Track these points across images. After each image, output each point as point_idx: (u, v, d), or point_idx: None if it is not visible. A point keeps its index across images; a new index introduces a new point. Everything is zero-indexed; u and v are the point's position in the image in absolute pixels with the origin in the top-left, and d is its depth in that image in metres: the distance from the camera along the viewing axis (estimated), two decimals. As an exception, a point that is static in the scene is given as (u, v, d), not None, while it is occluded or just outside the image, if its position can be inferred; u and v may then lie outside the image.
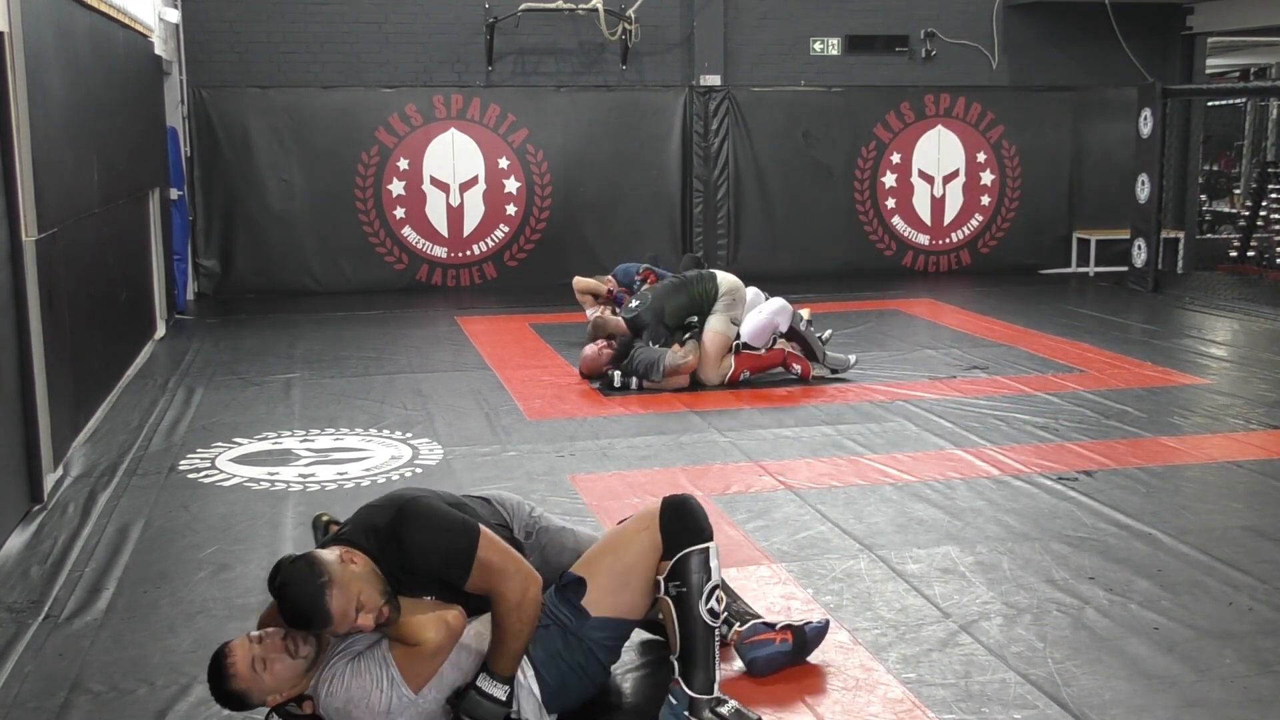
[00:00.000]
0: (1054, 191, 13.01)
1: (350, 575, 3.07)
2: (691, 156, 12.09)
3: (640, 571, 3.36)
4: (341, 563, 3.09)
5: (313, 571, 3.05)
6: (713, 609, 3.29)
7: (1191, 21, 12.87)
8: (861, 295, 11.19)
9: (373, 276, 11.61)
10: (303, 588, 3.03)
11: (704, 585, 3.29)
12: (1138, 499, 5.28)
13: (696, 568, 3.30)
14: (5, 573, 4.55)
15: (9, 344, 5.10)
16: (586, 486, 5.54)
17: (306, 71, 11.38)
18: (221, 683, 3.08)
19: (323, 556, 3.11)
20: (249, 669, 3.07)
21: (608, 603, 3.35)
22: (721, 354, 7.49)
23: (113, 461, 6.00)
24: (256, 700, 3.12)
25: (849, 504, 5.25)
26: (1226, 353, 8.70)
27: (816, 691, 3.56)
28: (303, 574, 3.05)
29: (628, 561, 3.37)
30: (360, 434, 6.49)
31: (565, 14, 11.63)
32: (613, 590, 3.35)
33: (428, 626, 3.15)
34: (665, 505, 3.40)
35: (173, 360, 8.44)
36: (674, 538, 3.33)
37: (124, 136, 7.93)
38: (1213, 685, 3.56)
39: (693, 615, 3.28)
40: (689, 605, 3.28)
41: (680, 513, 3.38)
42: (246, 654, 3.09)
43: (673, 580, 3.30)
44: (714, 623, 3.30)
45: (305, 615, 3.05)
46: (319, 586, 3.02)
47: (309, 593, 3.02)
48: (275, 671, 3.09)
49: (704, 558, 3.31)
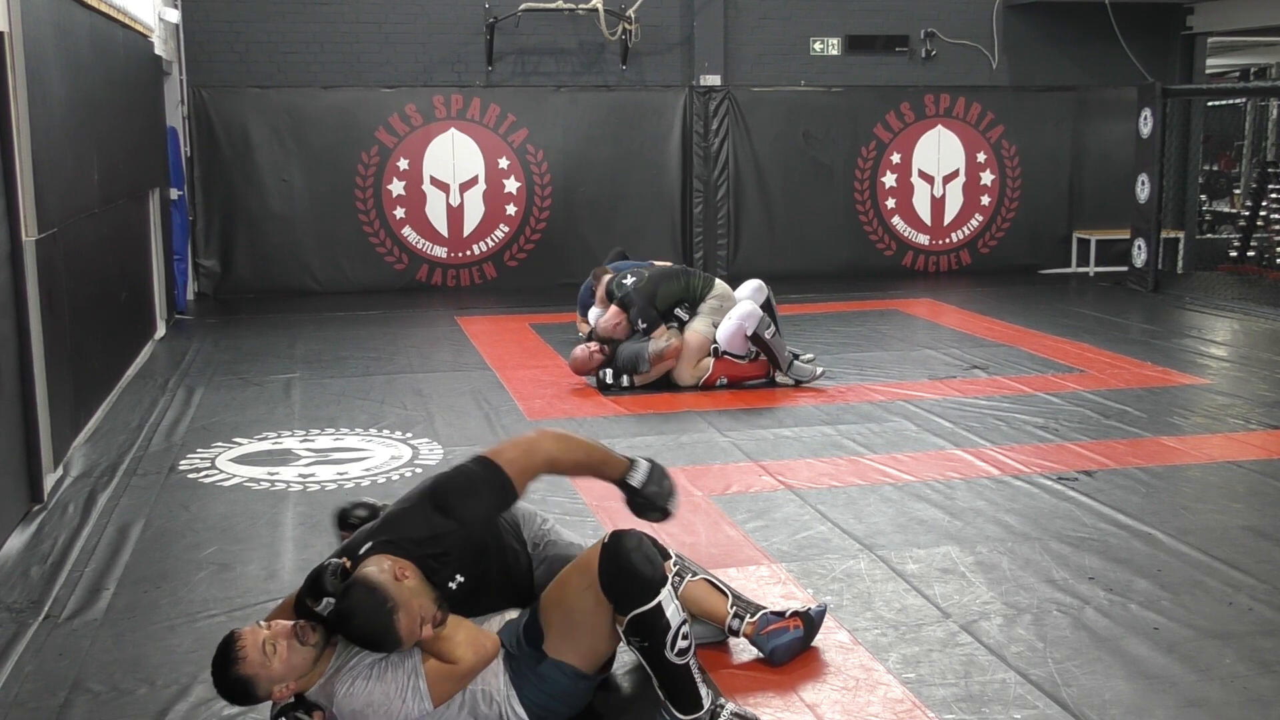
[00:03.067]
0: (1054, 191, 13.00)
1: (409, 593, 3.09)
2: (691, 156, 12.09)
3: (594, 624, 3.26)
4: (398, 581, 3.09)
5: (376, 599, 3.04)
6: (681, 649, 3.22)
7: (1191, 21, 12.87)
8: (861, 295, 11.19)
9: (373, 276, 11.62)
10: (372, 619, 3.04)
11: (665, 634, 3.20)
12: (1138, 499, 5.28)
13: (652, 623, 3.20)
14: (5, 573, 4.55)
15: (9, 344, 5.10)
16: (586, 486, 5.53)
17: (306, 71, 11.38)
18: (228, 668, 3.05)
19: (380, 580, 3.08)
20: (259, 653, 3.05)
21: (566, 649, 3.27)
22: (700, 355, 7.45)
23: (113, 461, 6.00)
24: (263, 690, 3.08)
25: (849, 504, 5.25)
26: (1226, 353, 8.70)
27: (816, 691, 3.56)
28: (368, 604, 3.04)
29: (577, 618, 3.26)
30: (360, 434, 6.49)
31: (565, 14, 11.63)
32: (570, 639, 3.27)
33: (466, 648, 3.17)
34: (602, 564, 3.22)
35: (173, 360, 8.45)
36: (619, 600, 3.20)
37: (124, 136, 7.93)
38: (1213, 685, 3.56)
39: (662, 663, 3.23)
40: (656, 655, 3.22)
41: (618, 570, 3.20)
42: (256, 638, 3.08)
43: (633, 636, 3.22)
44: (685, 660, 3.24)
45: (376, 643, 3.08)
46: (387, 613, 3.04)
47: (380, 622, 3.04)
48: (284, 657, 3.07)
49: (657, 611, 3.19)
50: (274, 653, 3.07)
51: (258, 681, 3.06)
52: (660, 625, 3.19)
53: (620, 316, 7.58)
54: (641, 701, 3.53)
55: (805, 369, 7.59)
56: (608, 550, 3.24)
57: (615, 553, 3.22)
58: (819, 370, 7.63)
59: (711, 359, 7.47)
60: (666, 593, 3.22)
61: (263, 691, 3.08)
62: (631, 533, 3.30)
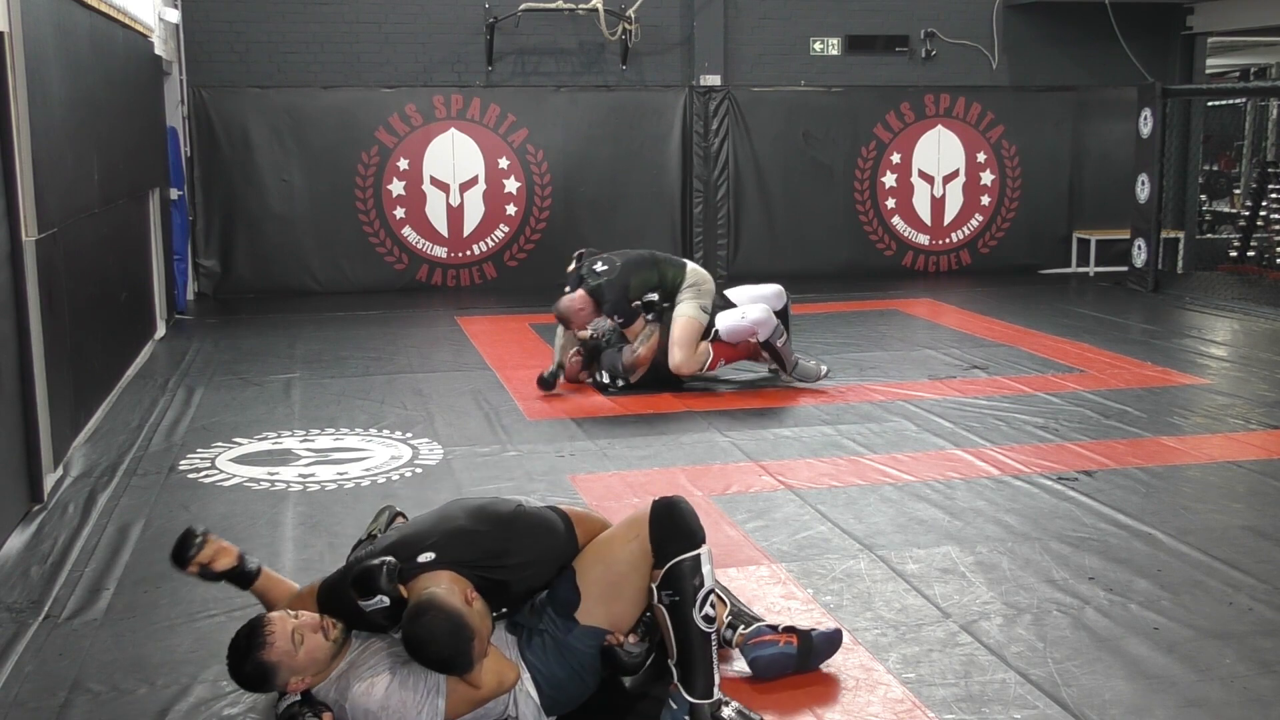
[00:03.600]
0: (1054, 191, 13.00)
1: (480, 618, 3.12)
2: (691, 156, 12.08)
3: (633, 581, 3.33)
4: (468, 604, 3.12)
5: (454, 625, 3.04)
6: (708, 615, 3.26)
7: (1191, 21, 12.87)
8: (861, 295, 11.19)
9: (373, 276, 11.61)
10: (452, 647, 3.04)
11: (697, 592, 3.25)
12: (1138, 499, 5.28)
13: (689, 575, 3.26)
14: (5, 573, 4.55)
15: (9, 344, 5.10)
16: (586, 486, 5.54)
17: (306, 71, 11.38)
18: (254, 651, 3.05)
19: (456, 606, 3.09)
20: (288, 641, 3.06)
21: (600, 613, 3.33)
22: (695, 340, 7.31)
23: (113, 461, 6.00)
24: (281, 678, 3.07)
25: (849, 504, 5.25)
26: (1226, 353, 8.70)
27: (816, 691, 3.56)
28: (447, 632, 3.04)
29: (619, 571, 3.33)
30: (360, 434, 6.49)
31: (565, 14, 11.63)
32: (605, 601, 3.33)
33: (491, 675, 3.17)
34: (654, 512, 3.35)
35: (173, 360, 8.44)
36: (663, 546, 3.29)
37: (124, 136, 7.93)
38: (1213, 685, 3.56)
39: (688, 623, 3.25)
40: (683, 613, 3.25)
41: (669, 519, 3.33)
42: (286, 626, 3.09)
43: (665, 589, 3.26)
44: (709, 628, 3.27)
45: (448, 666, 3.08)
46: (465, 642, 3.05)
47: (459, 649, 3.04)
48: (309, 649, 3.08)
49: (695, 563, 3.27)
50: (301, 643, 3.07)
51: (279, 670, 3.06)
52: (695, 580, 3.26)
53: (587, 303, 7.38)
54: (643, 702, 3.53)
55: (810, 369, 7.54)
56: (661, 503, 3.38)
57: (669, 506, 3.37)
58: (824, 369, 7.58)
59: (709, 344, 7.37)
60: (706, 551, 3.32)
61: (280, 680, 3.08)
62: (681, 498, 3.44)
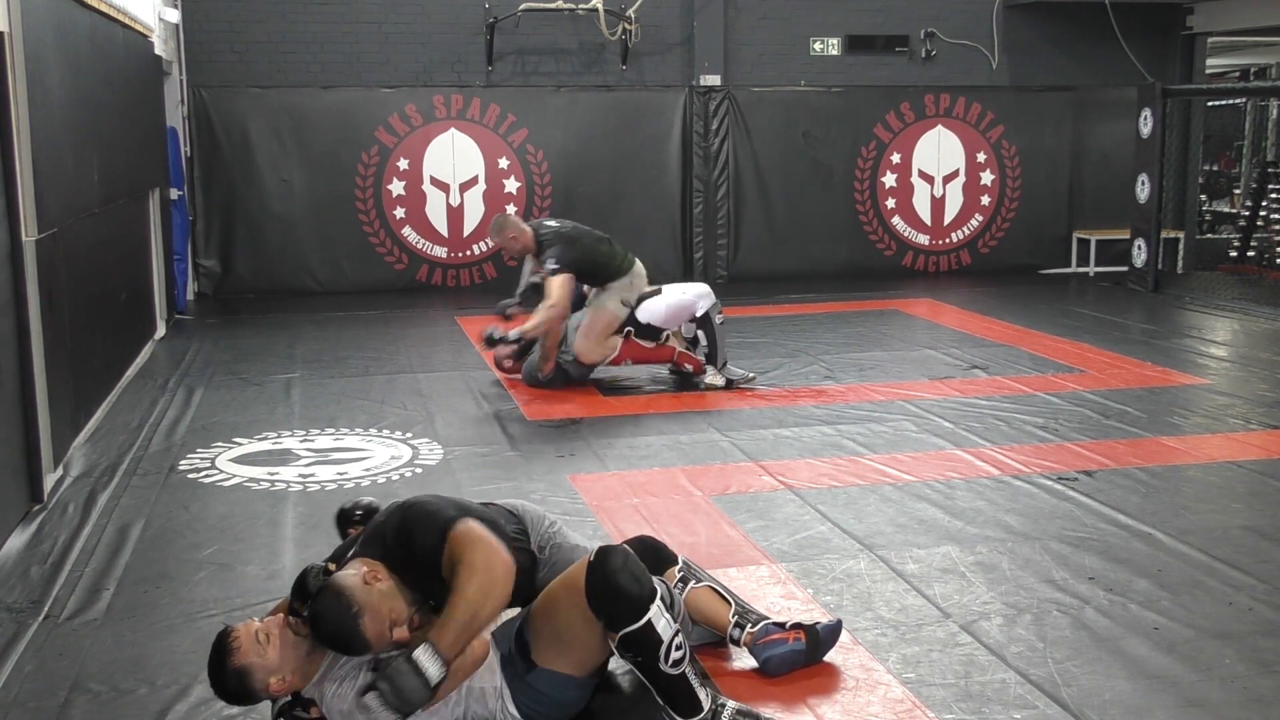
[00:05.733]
0: (1054, 191, 13.00)
1: (378, 596, 3.10)
2: (691, 156, 12.08)
3: (583, 639, 3.22)
4: (366, 585, 3.11)
5: (342, 604, 3.06)
6: (675, 660, 3.19)
7: (1191, 21, 12.87)
8: (861, 295, 11.19)
9: (373, 276, 11.61)
10: (338, 623, 3.05)
11: (658, 649, 3.17)
12: (1138, 499, 5.28)
13: (644, 639, 3.16)
14: (5, 573, 4.55)
15: (9, 344, 5.10)
16: (586, 486, 5.54)
17: (306, 71, 11.38)
18: (224, 660, 3.07)
19: (348, 584, 3.10)
20: (252, 641, 3.08)
21: (558, 660, 3.24)
22: (606, 332, 7.36)
23: (113, 461, 6.00)
24: (259, 680, 3.08)
25: (849, 504, 5.25)
26: (1226, 353, 8.70)
27: (816, 691, 3.56)
28: (334, 608, 3.06)
29: (566, 635, 3.22)
30: (360, 434, 6.49)
31: (565, 14, 11.63)
32: (560, 651, 3.24)
33: None
34: (589, 587, 3.15)
35: (173, 360, 8.44)
36: (609, 619, 3.15)
37: (124, 136, 7.93)
38: (1213, 685, 3.56)
39: (657, 674, 3.21)
40: (651, 668, 3.20)
41: (607, 593, 3.13)
42: (249, 629, 3.12)
43: (626, 651, 3.20)
44: (681, 669, 3.21)
45: (344, 646, 3.08)
46: (352, 618, 3.05)
47: (345, 627, 3.05)
48: (278, 647, 3.10)
49: (648, 628, 3.15)
50: (267, 641, 3.09)
51: (253, 671, 3.07)
52: (652, 641, 3.16)
53: (525, 236, 7.40)
54: (643, 703, 3.53)
55: (738, 371, 7.48)
56: (593, 570, 3.17)
57: (601, 573, 3.15)
58: (752, 375, 7.50)
59: (620, 339, 7.40)
60: (656, 608, 3.17)
61: (259, 682, 3.09)
62: (617, 550, 3.24)
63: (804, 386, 7.50)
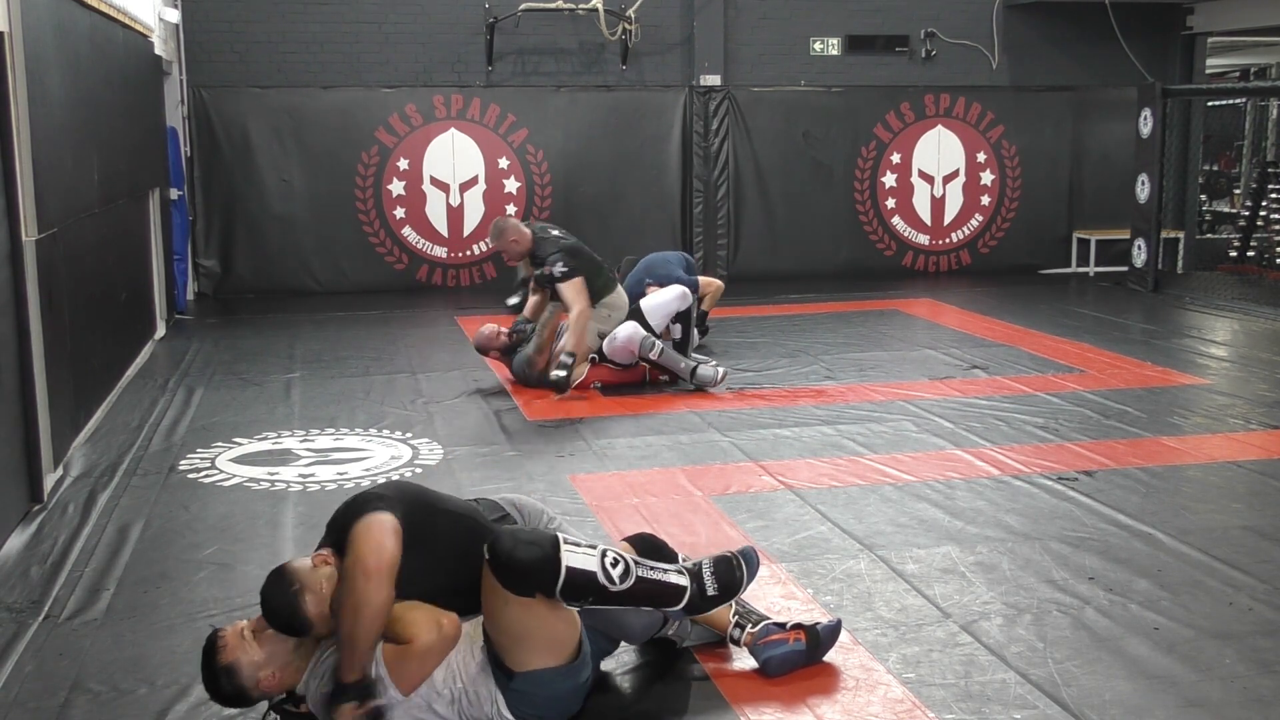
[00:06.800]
0: (1054, 191, 13.00)
1: (321, 577, 3.18)
2: (691, 156, 12.08)
3: (535, 625, 3.18)
4: (313, 567, 3.20)
5: (283, 581, 3.18)
6: (620, 576, 3.21)
7: (1191, 21, 12.87)
8: (861, 295, 11.19)
9: (373, 276, 11.61)
10: (279, 599, 3.16)
11: (595, 581, 3.17)
12: (1138, 499, 5.28)
13: (580, 584, 3.16)
14: (5, 573, 4.55)
15: (9, 344, 5.10)
16: (586, 486, 5.54)
17: (306, 71, 11.38)
18: (213, 659, 3.14)
19: (293, 565, 3.24)
20: (238, 638, 3.17)
21: (532, 658, 3.20)
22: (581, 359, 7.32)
23: (113, 461, 6.00)
24: (248, 676, 3.13)
25: (849, 504, 5.25)
26: (1226, 353, 8.70)
27: (816, 691, 3.56)
28: (275, 586, 3.18)
29: (521, 630, 3.18)
30: (360, 434, 6.49)
31: (565, 14, 11.63)
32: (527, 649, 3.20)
33: (419, 625, 3.17)
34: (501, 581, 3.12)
35: (173, 360, 8.44)
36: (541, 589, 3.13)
37: (124, 136, 7.93)
38: (1213, 685, 3.56)
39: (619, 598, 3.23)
40: (606, 599, 3.22)
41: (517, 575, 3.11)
42: (236, 629, 3.22)
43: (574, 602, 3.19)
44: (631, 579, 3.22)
45: (286, 623, 3.17)
46: (292, 595, 3.15)
47: (286, 602, 3.15)
48: (264, 641, 3.18)
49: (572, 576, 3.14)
50: (252, 638, 3.18)
51: (240, 667, 3.13)
52: (585, 579, 3.17)
53: (524, 238, 7.47)
54: (643, 702, 3.53)
55: (708, 374, 7.37)
56: (494, 565, 3.14)
57: (501, 561, 3.12)
58: (721, 372, 7.40)
59: (587, 365, 7.40)
60: (565, 551, 3.16)
61: (248, 678, 3.14)
62: (500, 534, 3.21)
63: (804, 386, 7.50)
